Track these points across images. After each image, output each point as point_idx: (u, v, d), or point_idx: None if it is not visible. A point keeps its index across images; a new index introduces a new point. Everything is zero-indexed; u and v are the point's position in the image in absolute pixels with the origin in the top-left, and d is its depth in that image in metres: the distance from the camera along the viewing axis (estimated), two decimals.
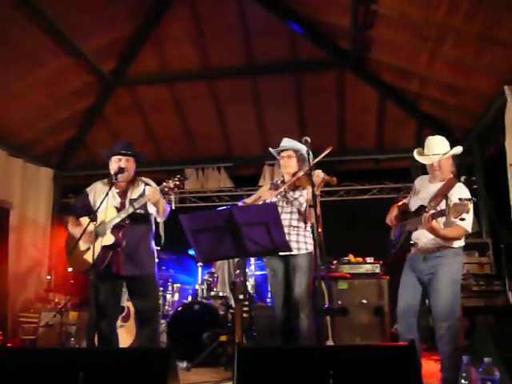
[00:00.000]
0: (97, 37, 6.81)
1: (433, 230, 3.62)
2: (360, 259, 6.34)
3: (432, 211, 3.62)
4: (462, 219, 3.43)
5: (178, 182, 3.84)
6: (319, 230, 3.43)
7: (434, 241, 3.79)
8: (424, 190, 3.99)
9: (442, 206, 3.60)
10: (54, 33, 6.27)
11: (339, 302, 5.97)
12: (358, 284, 6.06)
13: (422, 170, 8.22)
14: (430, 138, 4.03)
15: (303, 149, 4.16)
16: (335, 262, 6.33)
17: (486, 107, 6.37)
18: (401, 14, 5.75)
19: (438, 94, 6.88)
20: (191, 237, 3.44)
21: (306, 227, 4.23)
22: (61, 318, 6.22)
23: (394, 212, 4.12)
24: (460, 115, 7.09)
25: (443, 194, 3.70)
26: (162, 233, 4.34)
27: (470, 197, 3.45)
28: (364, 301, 5.97)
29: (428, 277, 3.81)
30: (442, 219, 3.64)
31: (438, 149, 3.90)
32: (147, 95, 8.00)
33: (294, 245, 4.10)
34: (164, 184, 3.88)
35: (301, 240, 4.18)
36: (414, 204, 3.99)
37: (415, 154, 4.02)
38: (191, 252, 6.13)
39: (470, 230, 3.73)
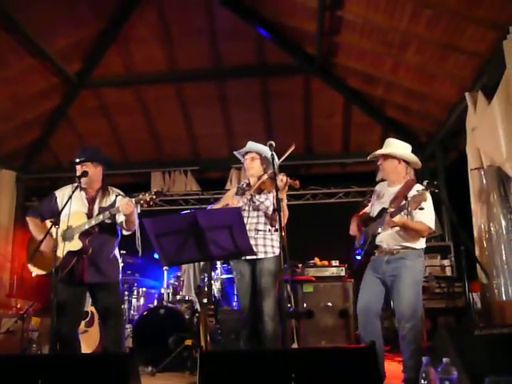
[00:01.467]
0: (61, 37, 6.72)
1: (396, 225, 3.73)
2: (325, 262, 6.38)
3: (391, 209, 3.73)
4: (421, 208, 3.55)
5: (154, 197, 3.80)
6: (283, 233, 3.44)
7: (397, 242, 3.88)
8: (384, 194, 4.08)
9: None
10: (16, 32, 6.16)
11: (304, 305, 5.98)
12: (323, 287, 6.09)
13: None
14: (387, 139, 4.15)
15: (267, 151, 4.19)
16: (301, 265, 6.36)
17: (449, 113, 6.53)
18: (366, 20, 5.84)
19: (402, 99, 7.01)
20: (155, 241, 3.41)
21: (274, 231, 4.23)
22: (22, 324, 6.07)
23: (355, 222, 4.20)
24: (423, 120, 7.23)
25: (403, 195, 3.77)
26: (139, 245, 4.29)
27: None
28: (329, 304, 6.01)
29: (391, 278, 3.87)
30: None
31: (388, 149, 4.02)
32: (113, 97, 7.92)
33: (260, 248, 4.10)
34: (140, 196, 3.82)
35: (268, 244, 4.19)
36: (376, 209, 4.08)
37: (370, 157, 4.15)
38: (156, 256, 6.08)
39: (432, 226, 3.83)
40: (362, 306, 3.96)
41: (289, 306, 5.76)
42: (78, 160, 4.08)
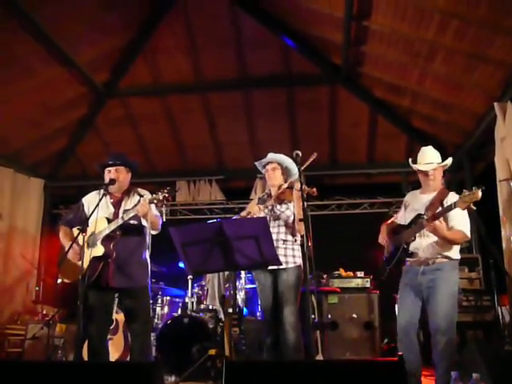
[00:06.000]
0: (90, 47, 6.83)
1: (435, 230, 3.66)
2: (350, 273, 6.34)
3: (437, 211, 3.69)
4: (471, 210, 3.50)
5: (167, 194, 3.80)
6: (309, 243, 3.42)
7: (434, 250, 3.82)
8: (416, 202, 4.05)
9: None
10: (46, 42, 6.27)
11: (329, 316, 5.95)
12: (348, 298, 6.05)
13: (413, 185, 8.28)
14: (424, 148, 4.11)
15: (288, 161, 4.20)
16: (325, 276, 6.32)
17: (476, 123, 6.44)
18: (392, 30, 5.81)
19: (429, 109, 6.94)
20: (181, 249, 3.42)
21: (294, 240, 4.22)
22: (48, 330, 6.13)
23: (385, 230, 4.16)
24: (450, 131, 7.15)
25: (439, 201, 3.79)
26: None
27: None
28: (354, 315, 5.96)
29: (427, 290, 3.82)
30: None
31: (432, 158, 3.99)
32: (139, 107, 8.01)
33: (281, 258, 4.06)
34: (153, 196, 3.85)
35: (289, 253, 4.17)
36: (407, 217, 4.03)
37: (410, 163, 4.06)
38: (181, 265, 6.09)
39: (469, 234, 3.80)
40: (403, 324, 3.88)
41: (313, 317, 5.73)
42: (112, 162, 4.12)
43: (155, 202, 3.83)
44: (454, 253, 3.86)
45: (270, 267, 3.95)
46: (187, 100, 7.92)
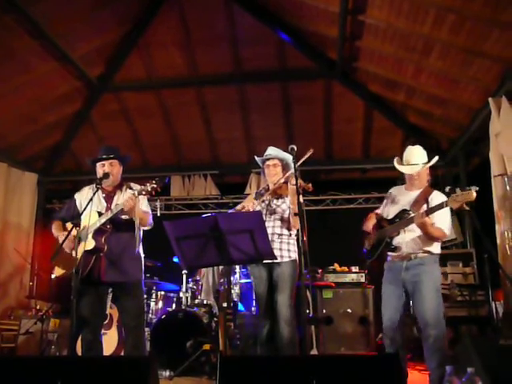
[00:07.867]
0: (84, 42, 6.81)
1: (423, 226, 3.74)
2: (345, 268, 6.34)
3: (425, 207, 3.79)
4: (465, 209, 3.55)
5: (155, 185, 3.77)
6: (304, 238, 3.41)
7: (416, 245, 3.90)
8: (402, 197, 4.12)
9: (424, 209, 3.81)
10: (41, 37, 6.24)
11: (324, 311, 5.95)
12: (342, 293, 6.06)
13: None
14: (409, 147, 4.17)
15: (288, 158, 4.17)
16: (320, 270, 6.32)
17: (471, 119, 6.44)
18: (388, 25, 5.79)
19: (425, 104, 6.93)
20: (175, 244, 3.40)
21: (290, 235, 4.22)
22: (42, 325, 6.12)
23: (372, 219, 4.22)
24: (446, 126, 7.15)
25: (424, 198, 3.90)
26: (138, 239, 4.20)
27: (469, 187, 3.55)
28: (349, 310, 5.97)
29: (411, 285, 3.87)
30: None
31: (418, 159, 4.05)
32: (134, 101, 7.98)
33: (276, 252, 4.07)
34: (141, 187, 3.83)
35: (284, 248, 4.17)
36: (391, 211, 4.11)
37: (395, 163, 4.14)
38: (176, 259, 6.07)
39: (448, 233, 3.90)
40: (387, 321, 3.95)
41: (308, 311, 5.73)
42: (106, 156, 4.10)
43: (143, 193, 3.81)
44: (435, 248, 3.94)
45: (265, 261, 3.95)
46: (182, 94, 7.88)
